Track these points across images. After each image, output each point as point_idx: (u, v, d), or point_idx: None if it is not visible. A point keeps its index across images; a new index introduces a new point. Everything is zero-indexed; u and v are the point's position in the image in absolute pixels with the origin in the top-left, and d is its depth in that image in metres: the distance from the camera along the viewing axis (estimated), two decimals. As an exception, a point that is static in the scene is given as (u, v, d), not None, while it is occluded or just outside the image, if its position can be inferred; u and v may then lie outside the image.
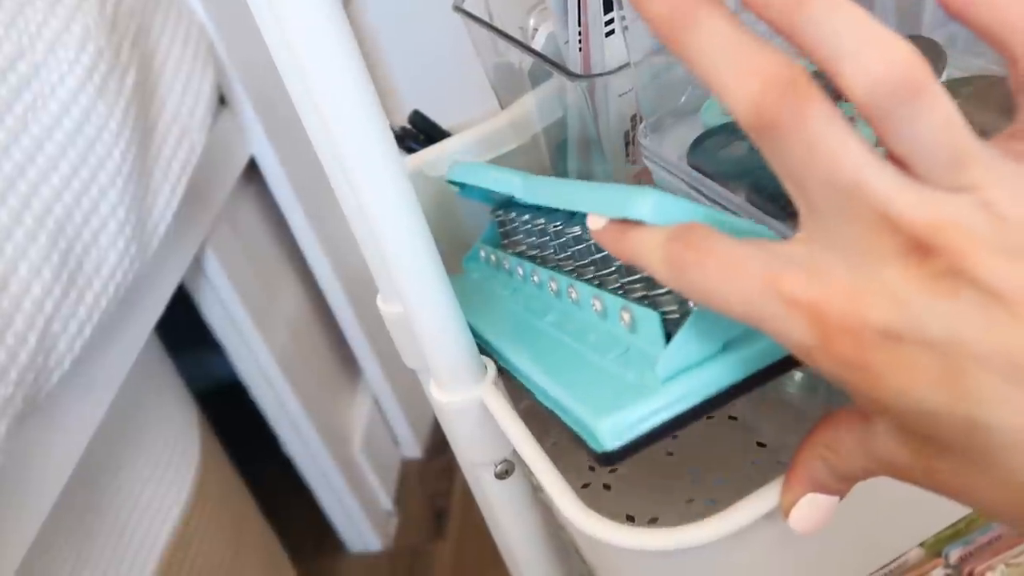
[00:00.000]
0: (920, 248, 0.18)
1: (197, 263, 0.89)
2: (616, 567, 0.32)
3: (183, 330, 0.91)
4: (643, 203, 0.25)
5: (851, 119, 0.30)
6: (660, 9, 0.20)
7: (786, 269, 0.20)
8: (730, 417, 0.47)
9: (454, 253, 0.49)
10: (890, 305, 0.19)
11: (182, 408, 0.89)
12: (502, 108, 0.52)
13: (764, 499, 0.27)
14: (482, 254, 0.48)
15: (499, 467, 0.38)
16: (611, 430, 0.27)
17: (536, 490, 0.45)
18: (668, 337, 0.29)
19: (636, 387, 0.28)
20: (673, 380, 0.27)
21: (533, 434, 0.33)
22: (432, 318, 0.34)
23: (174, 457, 0.84)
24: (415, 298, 0.34)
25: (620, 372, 0.29)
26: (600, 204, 0.28)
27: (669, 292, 0.30)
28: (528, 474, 0.42)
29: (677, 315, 0.29)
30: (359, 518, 1.13)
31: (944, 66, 0.34)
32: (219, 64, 0.90)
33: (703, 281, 0.21)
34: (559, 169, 0.49)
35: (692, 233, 0.22)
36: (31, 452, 0.62)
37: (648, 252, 0.23)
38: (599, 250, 0.35)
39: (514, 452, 0.39)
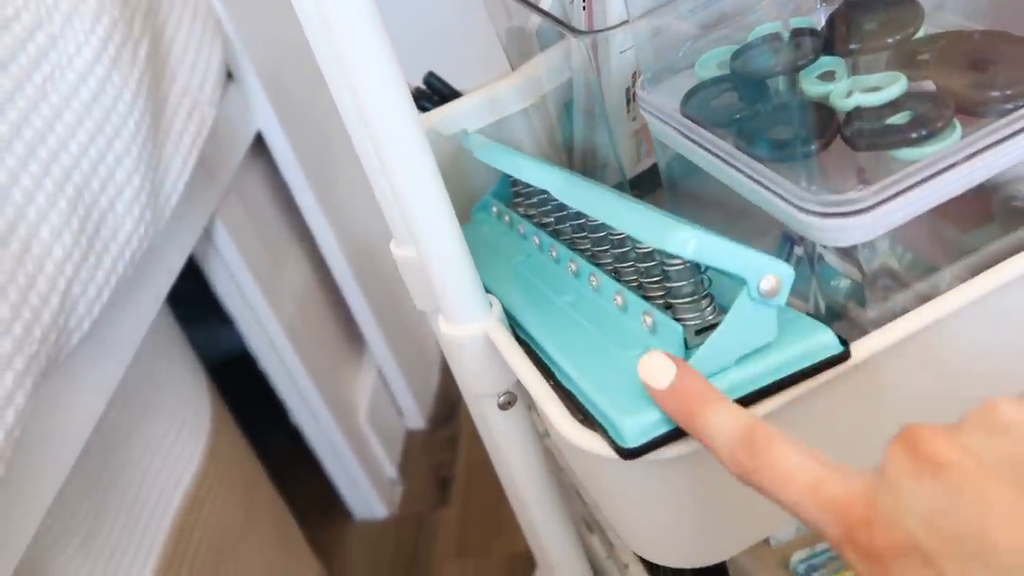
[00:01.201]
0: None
1: (207, 235, 0.91)
2: (606, 483, 0.35)
3: (196, 304, 0.93)
4: (687, 244, 0.28)
5: (832, 73, 0.32)
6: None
7: (825, 482, 0.25)
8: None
9: (463, 206, 0.51)
10: (893, 499, 0.23)
11: (194, 376, 0.91)
12: (512, 70, 0.54)
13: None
14: (494, 209, 0.50)
15: (502, 398, 0.40)
16: (634, 429, 0.30)
17: (543, 436, 0.47)
18: (685, 343, 0.32)
19: None
20: None
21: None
22: (443, 255, 0.36)
23: (186, 422, 0.87)
24: (427, 237, 0.36)
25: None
26: (643, 232, 0.30)
27: (692, 302, 0.32)
28: (532, 411, 0.44)
29: (696, 323, 0.32)
30: (365, 486, 1.15)
31: (921, 22, 0.36)
32: (226, 40, 0.92)
33: (762, 484, 0.26)
34: (565, 128, 0.51)
35: (755, 443, 0.26)
36: (53, 411, 0.64)
37: (717, 448, 0.28)
38: (620, 244, 0.37)
39: (516, 384, 0.41)
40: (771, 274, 0.28)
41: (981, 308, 0.33)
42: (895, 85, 0.32)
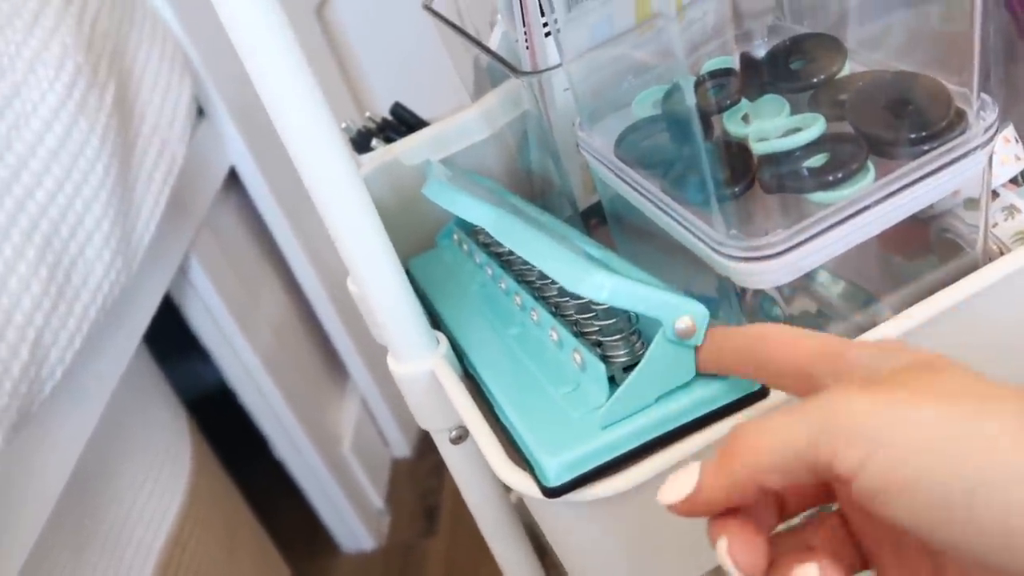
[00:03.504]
0: None
1: (182, 272, 0.92)
2: (543, 521, 0.35)
3: (174, 340, 0.94)
4: (601, 289, 0.29)
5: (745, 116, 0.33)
6: None
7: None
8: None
9: (429, 231, 0.52)
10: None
11: (173, 415, 0.91)
12: (473, 101, 0.54)
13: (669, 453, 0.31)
14: (455, 237, 0.51)
15: (453, 433, 0.41)
16: (556, 469, 0.30)
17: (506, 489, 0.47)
18: (612, 379, 0.32)
19: (580, 428, 0.31)
20: (612, 427, 0.31)
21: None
22: (384, 296, 0.37)
23: (166, 463, 0.87)
24: (368, 278, 0.37)
25: (568, 408, 0.33)
26: (562, 276, 0.31)
27: (620, 339, 0.33)
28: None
29: (625, 360, 0.33)
30: (351, 517, 1.15)
31: (844, 61, 0.37)
32: (196, 77, 0.93)
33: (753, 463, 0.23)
34: (525, 157, 0.51)
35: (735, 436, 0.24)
36: (27, 462, 0.64)
37: (711, 496, 0.24)
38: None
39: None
40: (686, 315, 0.29)
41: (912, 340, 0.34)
42: (813, 127, 0.33)
